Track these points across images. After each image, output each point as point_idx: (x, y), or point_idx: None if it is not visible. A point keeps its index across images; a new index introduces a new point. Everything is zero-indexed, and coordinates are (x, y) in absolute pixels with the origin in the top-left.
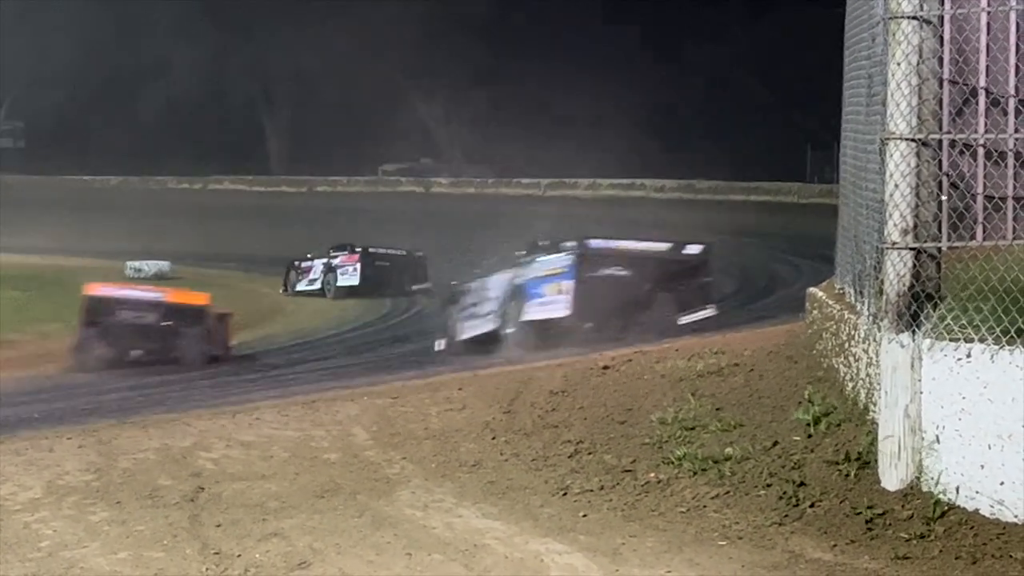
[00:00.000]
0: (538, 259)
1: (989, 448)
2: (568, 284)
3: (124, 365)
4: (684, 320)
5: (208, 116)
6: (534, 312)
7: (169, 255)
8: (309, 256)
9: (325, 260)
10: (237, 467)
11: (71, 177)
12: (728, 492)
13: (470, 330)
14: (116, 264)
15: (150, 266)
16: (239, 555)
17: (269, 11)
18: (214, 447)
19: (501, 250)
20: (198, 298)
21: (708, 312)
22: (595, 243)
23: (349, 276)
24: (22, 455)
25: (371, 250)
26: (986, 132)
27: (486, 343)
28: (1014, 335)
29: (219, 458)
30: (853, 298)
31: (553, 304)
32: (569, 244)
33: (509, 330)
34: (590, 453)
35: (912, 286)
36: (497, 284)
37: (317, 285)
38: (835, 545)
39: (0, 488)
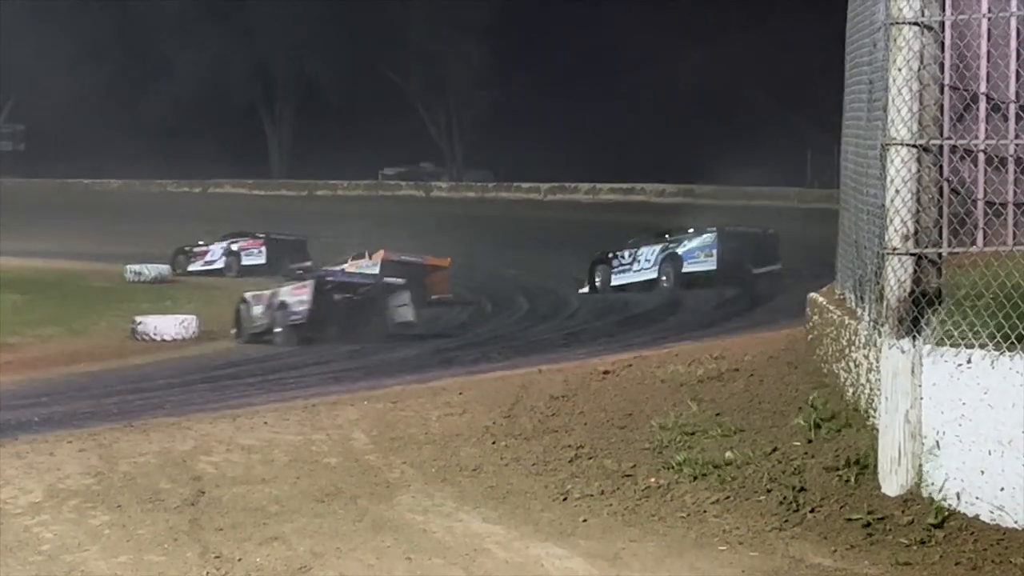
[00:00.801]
0: (683, 237)
1: (989, 454)
2: (715, 251)
3: None
4: (758, 272)
5: (209, 119)
6: (690, 267)
7: (169, 258)
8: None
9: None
10: (238, 471)
11: (72, 180)
12: (728, 497)
13: (622, 279)
14: (116, 267)
15: (150, 270)
16: (240, 559)
17: (270, 14)
18: (215, 451)
19: None
20: None
21: (777, 267)
22: (728, 228)
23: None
24: (23, 458)
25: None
26: (987, 138)
27: (637, 288)
28: (1014, 341)
29: (220, 462)
30: (854, 303)
31: (706, 263)
32: (711, 228)
33: (665, 279)
34: (590, 458)
35: (913, 292)
36: (649, 251)
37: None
38: (835, 550)
39: (1, 491)
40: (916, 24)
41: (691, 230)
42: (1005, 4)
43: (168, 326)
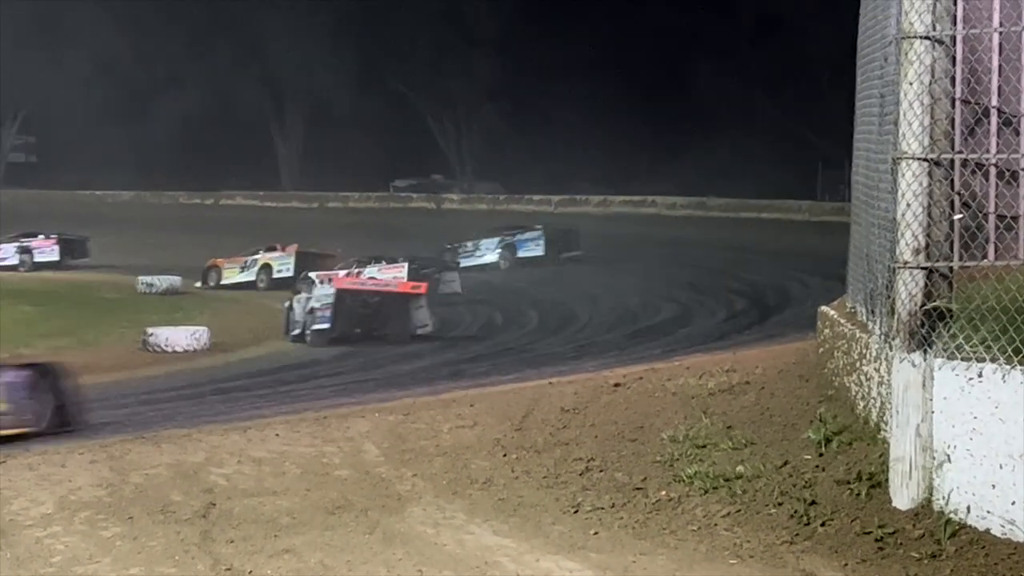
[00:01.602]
0: (517, 232)
1: (1000, 468)
2: (541, 242)
3: None
4: (565, 256)
5: (220, 132)
6: (523, 253)
7: (181, 270)
8: None
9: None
10: (249, 483)
11: (83, 192)
12: (739, 510)
13: (467, 262)
14: (128, 279)
15: (162, 281)
16: (250, 571)
17: (281, 27)
18: (226, 463)
19: None
20: None
21: (578, 253)
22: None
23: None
24: (34, 470)
25: None
26: (998, 152)
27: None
28: None
29: (231, 474)
30: (865, 317)
31: (535, 250)
32: (537, 226)
33: (504, 262)
34: (601, 471)
35: (924, 305)
36: (490, 243)
37: None
38: (846, 564)
39: (12, 503)
40: (927, 38)
41: (522, 227)
42: (1016, 19)
43: (179, 338)
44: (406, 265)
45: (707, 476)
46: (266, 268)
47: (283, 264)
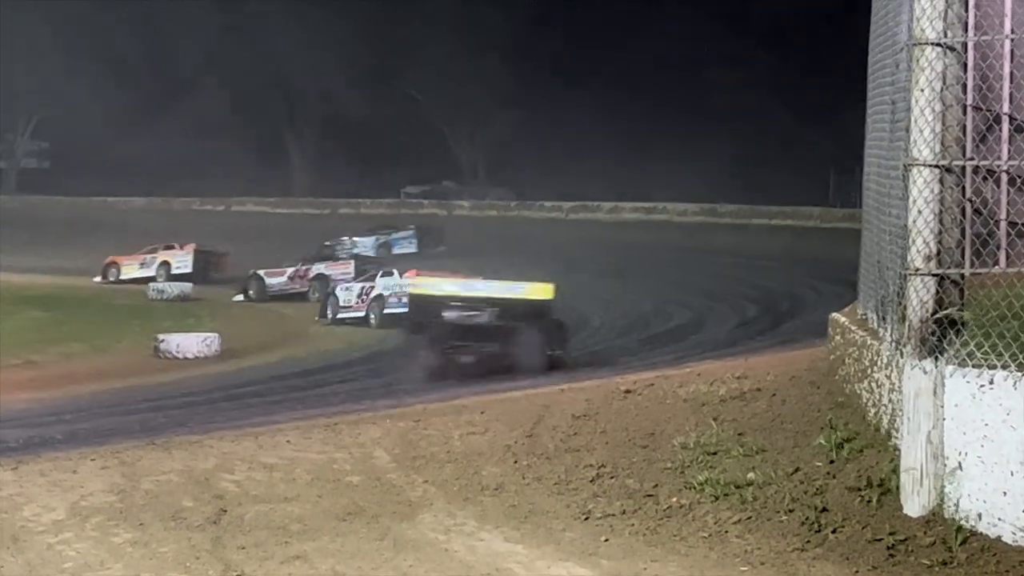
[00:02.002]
0: (391, 231)
1: (1012, 475)
2: (414, 240)
3: None
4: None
5: (232, 138)
6: (397, 250)
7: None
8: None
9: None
10: (260, 489)
11: (96, 198)
12: (750, 517)
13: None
14: (139, 285)
15: (173, 288)
16: None
17: (293, 34)
18: (237, 469)
19: None
20: None
21: (443, 248)
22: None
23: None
24: (46, 476)
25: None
26: (1010, 159)
27: None
28: None
29: (242, 480)
30: (876, 324)
31: (408, 247)
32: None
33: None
34: (612, 477)
35: (935, 312)
36: (367, 241)
37: None
38: (857, 571)
39: (24, 509)
40: (939, 45)
41: (395, 227)
42: None
43: (191, 344)
44: (352, 263)
45: (718, 483)
46: (165, 265)
47: (181, 261)
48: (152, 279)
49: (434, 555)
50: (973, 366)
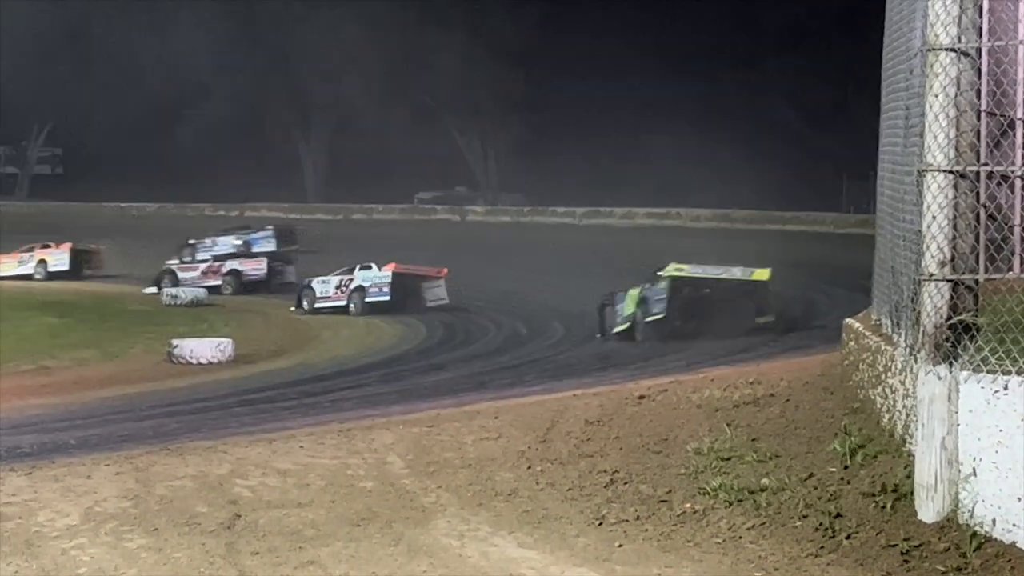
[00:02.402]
0: (250, 232)
1: None
2: (273, 240)
3: None
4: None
5: (245, 143)
6: (256, 248)
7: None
8: None
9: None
10: (274, 495)
11: (108, 204)
12: (764, 523)
13: (204, 254)
14: (151, 290)
15: (187, 293)
16: None
17: (306, 39)
18: (251, 474)
19: None
20: None
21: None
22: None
23: None
24: (60, 481)
25: None
26: (1023, 164)
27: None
28: None
29: (256, 486)
30: (890, 329)
31: (268, 246)
32: (268, 226)
33: None
34: (626, 483)
35: (949, 318)
36: (226, 240)
37: None
38: None
39: (38, 515)
40: (953, 50)
41: (253, 227)
42: None
43: (204, 349)
44: (264, 260)
45: (732, 488)
46: (42, 263)
47: (58, 259)
48: (30, 276)
49: (447, 561)
50: (987, 371)
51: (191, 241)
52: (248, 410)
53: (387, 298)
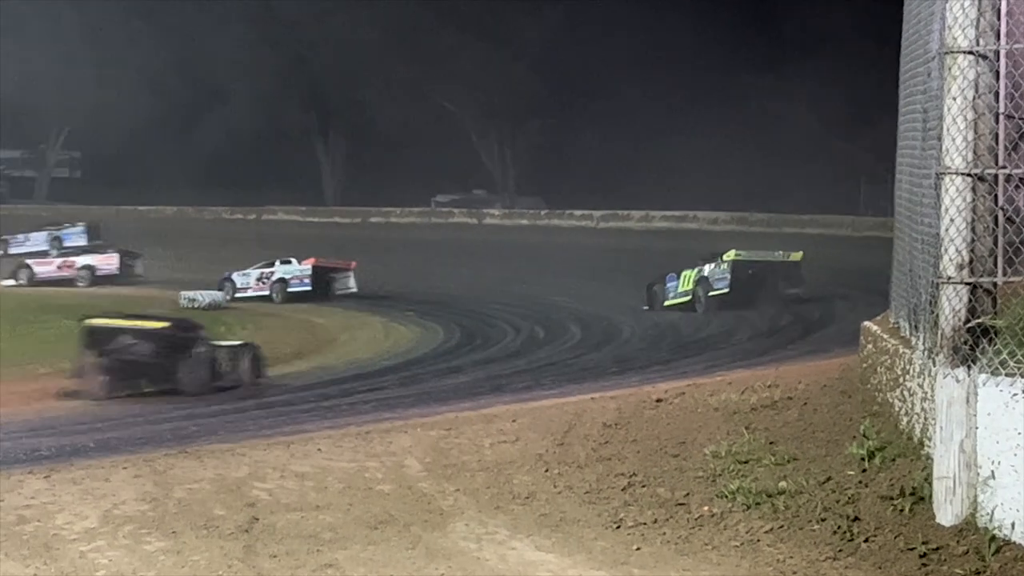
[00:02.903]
0: (65, 228)
1: None
2: (85, 236)
3: None
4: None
5: (263, 147)
6: (68, 243)
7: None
8: None
9: None
10: (291, 498)
11: (127, 207)
12: (782, 526)
13: (19, 248)
14: (171, 294)
15: (204, 296)
16: None
17: (324, 42)
18: (269, 477)
19: None
20: None
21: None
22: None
23: None
24: (78, 484)
25: None
26: None
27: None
28: None
29: (274, 488)
30: (908, 332)
31: (79, 240)
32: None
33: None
34: (643, 486)
35: (968, 321)
36: (41, 236)
37: None
38: None
39: (56, 517)
40: (971, 53)
41: (67, 224)
42: None
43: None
44: (117, 255)
45: (750, 492)
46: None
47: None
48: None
49: (465, 564)
50: (1006, 375)
51: (4, 237)
52: (266, 413)
53: (309, 288)
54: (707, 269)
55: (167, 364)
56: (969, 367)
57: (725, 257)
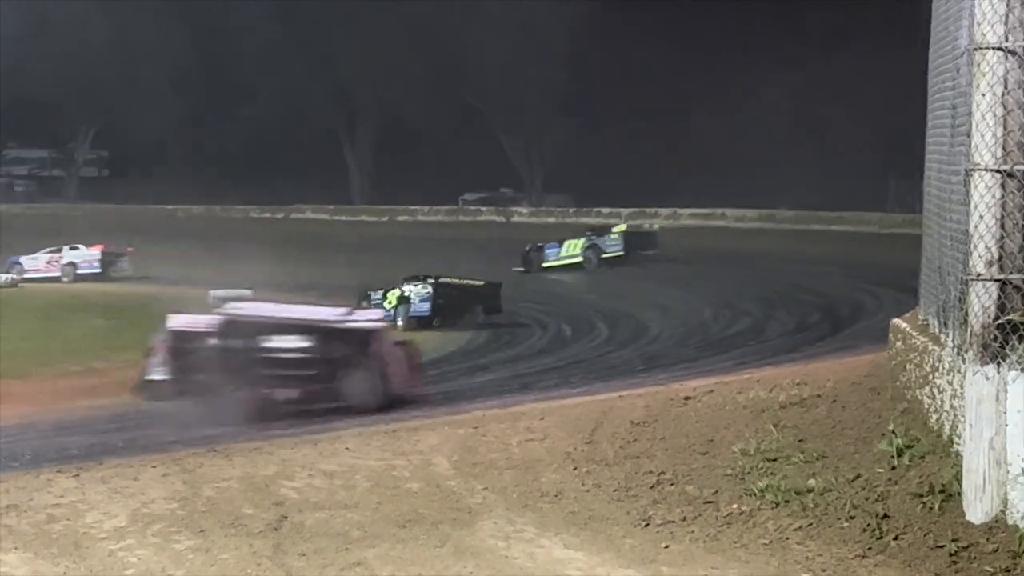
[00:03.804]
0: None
1: None
2: None
3: None
4: None
5: (291, 146)
6: None
7: (251, 284)
8: None
9: None
10: (320, 496)
11: (154, 206)
12: (811, 524)
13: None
14: (199, 292)
15: (232, 295)
16: None
17: (351, 41)
18: (297, 476)
19: None
20: None
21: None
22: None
23: None
24: (107, 483)
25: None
26: None
27: None
28: None
29: (302, 487)
30: (937, 329)
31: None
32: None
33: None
34: (672, 484)
35: (997, 317)
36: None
37: None
38: None
39: (86, 516)
40: (1000, 49)
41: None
42: None
43: None
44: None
45: (778, 489)
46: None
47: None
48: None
49: (494, 562)
50: None
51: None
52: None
53: (99, 271)
54: (598, 239)
55: None
56: (999, 364)
57: (616, 230)
